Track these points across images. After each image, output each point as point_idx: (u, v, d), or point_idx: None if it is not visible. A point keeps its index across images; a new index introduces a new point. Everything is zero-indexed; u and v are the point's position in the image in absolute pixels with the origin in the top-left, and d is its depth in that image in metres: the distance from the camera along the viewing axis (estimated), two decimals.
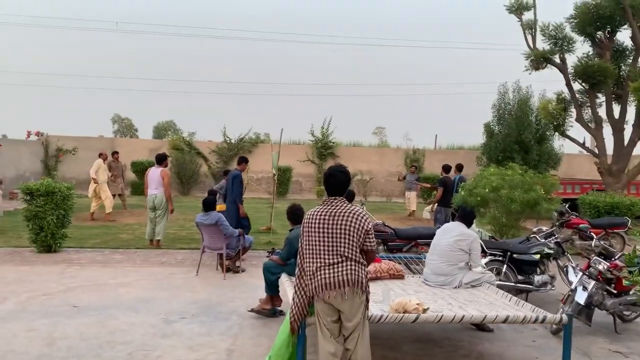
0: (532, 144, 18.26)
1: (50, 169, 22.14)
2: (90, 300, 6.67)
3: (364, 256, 4.05)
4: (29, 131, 22.03)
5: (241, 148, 23.67)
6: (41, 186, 9.28)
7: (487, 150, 19.22)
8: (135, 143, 26.11)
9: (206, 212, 8.13)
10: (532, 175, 9.97)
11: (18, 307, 6.30)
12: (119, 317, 6.01)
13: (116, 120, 68.13)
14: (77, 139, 23.18)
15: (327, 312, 3.98)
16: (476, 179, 10.40)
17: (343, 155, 23.87)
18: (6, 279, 7.57)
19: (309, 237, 4.05)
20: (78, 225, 12.17)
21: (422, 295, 5.44)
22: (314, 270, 3.98)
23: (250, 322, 6.01)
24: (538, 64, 15.46)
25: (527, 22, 15.91)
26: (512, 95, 19.15)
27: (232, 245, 8.24)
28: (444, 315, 4.58)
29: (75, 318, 5.95)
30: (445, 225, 6.51)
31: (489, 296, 5.56)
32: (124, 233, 11.80)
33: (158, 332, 5.60)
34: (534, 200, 9.18)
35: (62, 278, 7.74)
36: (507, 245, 7.23)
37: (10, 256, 9.18)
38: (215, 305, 6.62)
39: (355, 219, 3.97)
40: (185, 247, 10.36)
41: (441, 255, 5.99)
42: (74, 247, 10.01)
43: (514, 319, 4.65)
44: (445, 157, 22.33)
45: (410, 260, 7.56)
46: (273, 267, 6.16)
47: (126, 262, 8.93)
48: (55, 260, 8.93)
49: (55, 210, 9.30)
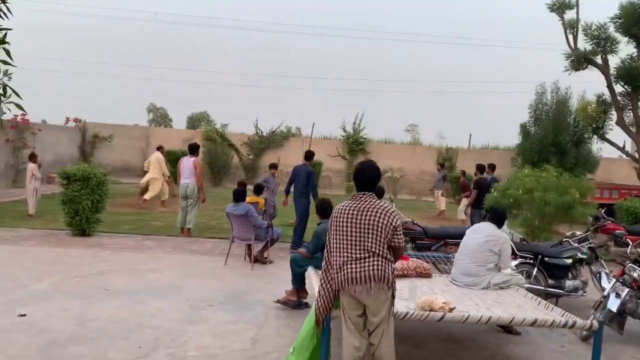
0: (569, 147, 17.86)
1: (86, 155, 22.73)
2: (121, 284, 6.83)
3: (392, 252, 4.03)
4: (68, 117, 22.69)
5: (272, 141, 23.84)
6: (77, 171, 9.53)
7: (523, 151, 18.89)
8: (169, 132, 26.58)
9: (236, 202, 8.22)
10: (568, 178, 9.76)
11: (52, 288, 6.50)
12: (148, 302, 6.14)
13: (151, 110, 69.26)
14: (113, 126, 23.73)
15: (353, 306, 3.98)
16: (510, 180, 10.25)
17: (374, 151, 23.76)
18: (42, 260, 7.82)
19: (336, 231, 4.05)
20: (112, 211, 12.45)
21: (449, 295, 5.38)
22: (340, 264, 3.98)
23: (275, 313, 6.06)
24: (579, 64, 15.06)
25: (569, 21, 15.51)
26: (550, 96, 18.77)
27: (260, 236, 8.32)
28: (471, 315, 4.53)
29: (107, 301, 6.11)
30: (476, 226, 6.43)
31: (518, 299, 5.46)
32: (156, 220, 12.03)
33: (185, 318, 5.70)
34: (568, 203, 8.99)
35: (94, 261, 7.95)
36: (539, 248, 7.09)
37: (46, 238, 9.47)
38: (242, 294, 6.70)
39: (383, 214, 3.95)
40: (215, 236, 10.50)
41: (470, 256, 5.91)
42: (107, 231, 10.26)
43: (542, 322, 4.56)
44: (479, 157, 21.95)
45: (439, 260, 7.50)
46: (300, 259, 6.20)
47: (157, 249, 9.10)
48: (89, 243, 9.17)
49: (91, 195, 9.53)
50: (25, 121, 17.83)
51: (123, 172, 23.36)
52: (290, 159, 22.27)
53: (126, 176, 22.84)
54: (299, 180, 9.82)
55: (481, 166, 12.18)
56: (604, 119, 15.23)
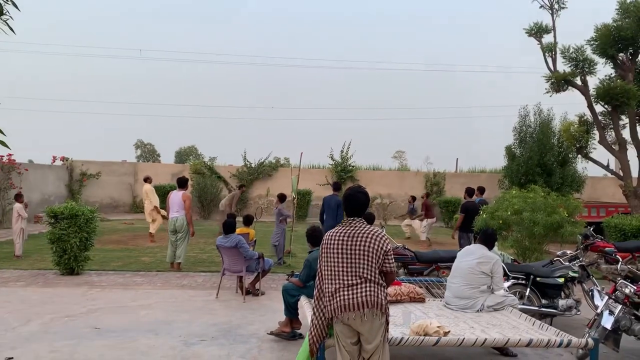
0: (555, 167, 18.06)
1: (74, 192, 22.56)
2: (112, 322, 6.71)
3: (384, 277, 4.02)
4: (55, 156, 22.55)
5: (261, 172, 23.85)
6: (65, 209, 9.44)
7: (509, 173, 19.06)
8: (157, 168, 26.48)
9: (226, 234, 8.17)
10: (555, 197, 9.84)
11: (41, 328, 6.37)
12: (139, 339, 6.03)
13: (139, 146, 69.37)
14: (100, 163, 23.64)
15: (347, 334, 3.94)
16: (498, 202, 10.31)
17: (362, 178, 23.87)
18: (30, 301, 7.67)
19: (327, 258, 4.04)
20: (101, 249, 12.32)
21: (443, 319, 5.37)
22: (332, 291, 3.96)
23: (269, 345, 5.97)
24: (559, 86, 15.41)
25: (547, 45, 15.92)
26: (533, 118, 19.06)
27: (251, 267, 8.25)
28: (466, 338, 4.52)
29: (97, 340, 5.99)
30: (466, 248, 6.44)
31: (512, 320, 5.45)
32: (145, 256, 11.90)
33: (178, 354, 5.60)
34: (557, 223, 9.05)
35: (84, 300, 7.81)
36: (530, 269, 7.10)
37: (34, 278, 9.31)
38: (235, 327, 6.61)
39: (374, 240, 3.95)
40: (206, 270, 10.39)
41: (463, 278, 5.92)
42: (96, 269, 10.12)
43: (538, 342, 4.56)
44: (466, 181, 22.18)
45: (431, 284, 7.49)
46: (292, 289, 6.15)
47: (147, 285, 8.98)
48: (77, 282, 9.03)
49: (79, 233, 9.42)
50: (12, 161, 17.73)
51: (112, 208, 23.21)
52: (279, 189, 22.24)
53: (115, 213, 22.69)
54: (329, 210, 10.76)
55: (470, 190, 12.20)
56: (587, 139, 15.49)
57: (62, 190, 22.21)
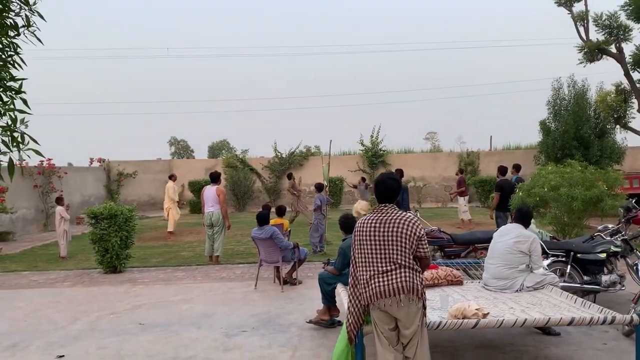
0: (592, 139, 17.52)
1: (112, 192, 23.16)
2: (155, 317, 6.89)
3: (418, 262, 4.00)
4: (92, 158, 23.17)
5: (292, 162, 23.96)
6: (104, 210, 9.70)
7: (545, 148, 18.60)
8: (191, 163, 26.93)
9: (260, 226, 8.26)
10: (593, 171, 9.56)
11: (89, 326, 6.59)
12: (182, 333, 6.18)
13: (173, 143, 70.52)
14: (136, 163, 24.17)
15: (384, 320, 3.94)
16: (534, 179, 10.07)
17: (394, 162, 23.70)
18: (77, 300, 7.94)
19: (361, 246, 4.04)
20: (141, 246, 12.63)
21: (482, 301, 5.31)
22: (367, 278, 3.96)
23: (309, 334, 6.03)
24: (593, 55, 14.92)
25: (578, 14, 15.42)
26: (567, 90, 18.49)
27: (287, 257, 8.33)
28: (505, 319, 4.46)
29: (141, 335, 6.17)
30: (503, 228, 6.33)
31: (553, 298, 5.35)
32: (184, 251, 12.14)
33: (220, 346, 5.71)
34: (596, 197, 8.79)
35: (127, 297, 8.04)
36: (570, 245, 6.94)
37: (80, 278, 9.63)
38: (274, 317, 6.70)
39: (406, 225, 3.93)
40: (243, 261, 10.55)
41: (500, 259, 5.83)
42: (138, 266, 10.39)
43: (580, 321, 4.47)
44: (501, 158, 21.80)
45: (469, 266, 7.41)
46: (328, 277, 6.19)
47: (187, 279, 9.18)
48: (120, 280, 9.29)
49: (119, 232, 9.68)
50: (51, 166, 18.29)
51: (150, 206, 23.73)
52: (310, 178, 22.37)
53: (153, 210, 23.19)
54: None
55: (503, 168, 11.97)
56: (625, 108, 14.98)
57: (101, 191, 22.81)
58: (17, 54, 3.83)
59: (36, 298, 8.15)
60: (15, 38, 3.83)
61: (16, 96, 3.74)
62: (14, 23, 3.78)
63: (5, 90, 3.71)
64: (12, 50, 3.82)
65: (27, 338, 6.17)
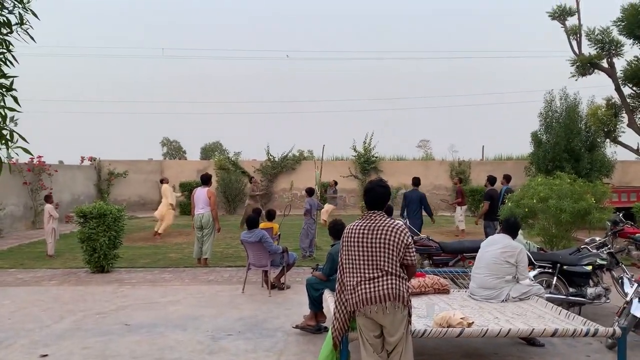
0: (583, 152, 17.70)
1: (102, 192, 23.03)
2: (141, 318, 6.87)
3: (405, 270, 4.02)
4: (83, 157, 23.03)
5: (285, 166, 23.96)
6: (93, 209, 9.65)
7: (536, 159, 18.76)
8: (183, 164, 26.86)
9: (250, 229, 8.26)
10: (582, 184, 9.66)
11: (74, 326, 6.55)
12: (168, 335, 6.16)
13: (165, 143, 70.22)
14: (127, 162, 24.06)
15: (369, 327, 3.96)
16: (523, 190, 10.16)
17: (386, 169, 23.78)
18: (63, 299, 7.89)
19: (348, 252, 4.06)
20: (130, 246, 12.57)
21: (467, 310, 5.34)
22: (354, 284, 3.98)
23: (295, 339, 6.03)
24: (585, 69, 15.06)
25: (571, 28, 15.56)
26: (559, 103, 18.70)
27: (276, 262, 8.32)
28: (490, 329, 4.49)
29: (127, 336, 6.14)
30: (490, 238, 6.38)
31: (538, 309, 5.40)
32: (172, 252, 12.10)
33: (205, 349, 5.70)
34: (584, 209, 8.89)
35: (114, 297, 8.00)
36: (557, 257, 6.99)
37: (66, 277, 9.56)
38: (261, 322, 6.69)
39: (394, 232, 3.95)
40: (232, 264, 10.53)
41: (487, 269, 5.87)
42: (126, 267, 10.34)
43: (564, 332, 4.51)
44: (492, 168, 21.93)
45: (456, 275, 7.44)
46: (316, 283, 6.19)
47: (175, 281, 9.15)
48: (107, 280, 9.24)
49: (107, 231, 9.64)
50: (42, 163, 18.17)
51: (140, 206, 23.63)
52: (302, 182, 22.37)
53: (143, 210, 23.09)
54: (412, 204, 11.33)
55: (492, 178, 12.13)
56: (615, 122, 15.12)
57: (91, 189, 22.69)
58: (9, 51, 3.82)
59: (22, 296, 8.10)
60: (7, 35, 3.83)
61: (7, 94, 3.74)
62: (7, 20, 3.78)
63: None
64: (4, 48, 3.82)
65: (11, 336, 6.13)
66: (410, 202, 11.38)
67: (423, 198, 11.42)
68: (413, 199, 11.38)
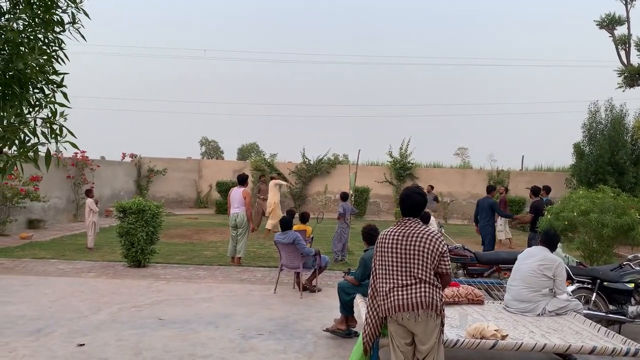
0: (628, 166, 17.12)
1: (142, 188, 23.57)
2: (175, 313, 6.99)
3: (439, 279, 3.98)
4: (124, 153, 23.64)
5: (320, 169, 24.01)
6: (133, 204, 9.88)
7: (577, 171, 18.26)
8: (220, 164, 27.23)
9: (284, 231, 8.31)
10: (626, 198, 9.35)
11: (110, 318, 6.72)
12: (200, 331, 6.25)
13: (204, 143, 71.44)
14: (166, 160, 24.56)
15: (401, 334, 3.93)
16: (564, 202, 9.90)
17: (422, 176, 23.56)
18: (100, 291, 8.11)
19: (382, 258, 4.04)
20: (166, 242, 12.82)
21: (501, 322, 5.24)
22: (387, 291, 3.96)
23: (325, 342, 6.04)
24: (633, 80, 14.63)
25: (620, 37, 15.13)
26: (604, 114, 18.14)
27: (308, 264, 8.35)
28: (524, 343, 4.39)
29: (160, 330, 6.26)
30: (527, 250, 6.24)
31: (575, 325, 5.25)
32: (207, 250, 12.28)
33: (236, 347, 5.76)
34: (627, 225, 8.59)
35: (149, 292, 8.18)
36: (597, 272, 6.79)
37: (104, 269, 9.82)
38: (292, 323, 6.73)
39: (429, 240, 3.91)
40: (265, 265, 10.61)
41: (523, 281, 5.75)
42: (161, 262, 10.55)
43: (602, 350, 4.37)
44: (532, 179, 21.47)
45: (491, 286, 7.32)
46: (348, 287, 6.19)
47: (209, 278, 9.28)
48: (143, 274, 9.45)
49: (145, 227, 9.85)
50: (85, 158, 18.73)
51: (177, 203, 24.10)
52: (337, 186, 22.38)
53: (180, 208, 23.54)
54: (483, 211, 11.46)
55: (536, 188, 11.90)
56: None
57: (131, 185, 23.25)
58: (61, 49, 3.97)
59: (62, 286, 8.35)
60: (60, 34, 3.97)
61: (57, 90, 3.88)
62: (60, 19, 3.92)
63: (48, 84, 3.85)
64: (56, 46, 3.96)
65: (51, 324, 6.33)
66: (481, 209, 11.55)
67: (493, 205, 11.52)
68: (484, 206, 11.53)
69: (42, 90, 3.86)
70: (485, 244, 11.39)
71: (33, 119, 3.71)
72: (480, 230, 11.58)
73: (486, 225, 11.42)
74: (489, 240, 11.37)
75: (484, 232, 11.46)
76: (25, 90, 3.64)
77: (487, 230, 11.40)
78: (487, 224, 11.43)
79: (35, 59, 3.56)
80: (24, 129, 3.59)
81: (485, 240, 11.42)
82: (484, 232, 11.46)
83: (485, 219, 11.42)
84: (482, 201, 11.73)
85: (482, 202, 11.71)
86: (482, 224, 11.47)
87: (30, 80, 3.65)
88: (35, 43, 3.70)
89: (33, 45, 3.65)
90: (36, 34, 3.80)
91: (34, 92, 3.78)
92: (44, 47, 3.82)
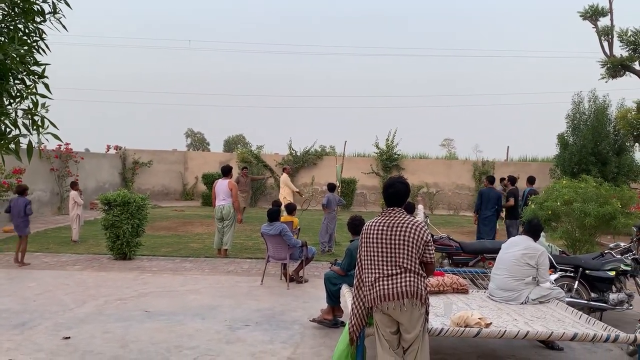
0: (610, 156, 17.33)
1: (127, 180, 23.37)
2: (161, 305, 6.98)
3: (424, 268, 4.02)
4: (109, 145, 23.39)
5: (306, 160, 23.99)
6: (118, 197, 9.82)
7: (561, 162, 18.45)
8: (206, 156, 27.08)
9: (271, 222, 8.31)
10: (608, 187, 9.49)
11: (96, 310, 6.69)
12: (186, 323, 6.25)
13: (189, 135, 70.93)
14: (152, 152, 24.36)
15: (386, 323, 3.97)
16: (547, 192, 10.03)
17: (408, 167, 23.63)
18: (86, 284, 8.06)
19: (367, 248, 4.07)
20: (152, 235, 12.76)
21: (486, 310, 5.31)
22: (372, 281, 3.99)
23: (311, 332, 6.07)
24: (615, 71, 14.79)
25: (603, 29, 15.28)
26: (587, 105, 18.31)
27: (295, 255, 8.37)
28: (508, 330, 4.46)
29: (147, 322, 6.25)
30: (511, 239, 6.32)
31: (558, 313, 5.34)
32: (194, 242, 12.25)
33: (223, 338, 5.77)
34: (609, 214, 8.73)
35: (135, 284, 8.15)
36: (579, 261, 6.90)
37: (90, 262, 9.76)
38: (278, 314, 6.75)
39: (413, 230, 3.95)
40: (251, 256, 10.61)
41: (507, 270, 5.82)
42: (147, 255, 10.50)
43: (584, 337, 4.45)
44: (516, 169, 21.65)
45: (476, 275, 7.40)
46: (334, 277, 6.22)
47: (195, 270, 9.26)
48: (129, 267, 9.41)
49: (131, 219, 9.79)
50: (69, 150, 18.52)
51: (163, 196, 23.94)
52: (324, 177, 22.39)
53: (166, 200, 23.39)
54: (487, 202, 11.36)
55: (512, 177, 12.26)
56: None
57: (116, 178, 23.05)
58: (42, 39, 3.92)
59: (47, 279, 8.29)
60: (41, 24, 3.92)
61: (39, 80, 3.83)
62: (40, 9, 3.87)
63: (29, 74, 3.80)
64: (37, 36, 3.91)
65: (36, 317, 6.29)
66: (486, 200, 11.37)
67: (500, 198, 11.42)
68: (489, 197, 11.39)
69: (23, 81, 3.80)
70: (484, 233, 11.26)
71: (14, 110, 3.66)
72: (483, 220, 11.41)
73: (491, 216, 11.33)
74: (490, 229, 11.28)
75: (487, 223, 11.33)
76: (6, 81, 3.59)
77: (491, 221, 11.32)
78: (492, 215, 11.33)
79: (16, 49, 3.51)
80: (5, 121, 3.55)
81: (486, 229, 11.30)
82: (487, 223, 11.33)
83: (491, 210, 11.32)
84: (486, 192, 11.57)
85: (486, 193, 11.54)
86: (486, 215, 11.34)
87: (10, 70, 3.59)
88: (15, 33, 3.64)
89: (13, 36, 3.60)
90: (16, 24, 3.74)
91: (14, 83, 3.72)
92: (24, 38, 3.77)
